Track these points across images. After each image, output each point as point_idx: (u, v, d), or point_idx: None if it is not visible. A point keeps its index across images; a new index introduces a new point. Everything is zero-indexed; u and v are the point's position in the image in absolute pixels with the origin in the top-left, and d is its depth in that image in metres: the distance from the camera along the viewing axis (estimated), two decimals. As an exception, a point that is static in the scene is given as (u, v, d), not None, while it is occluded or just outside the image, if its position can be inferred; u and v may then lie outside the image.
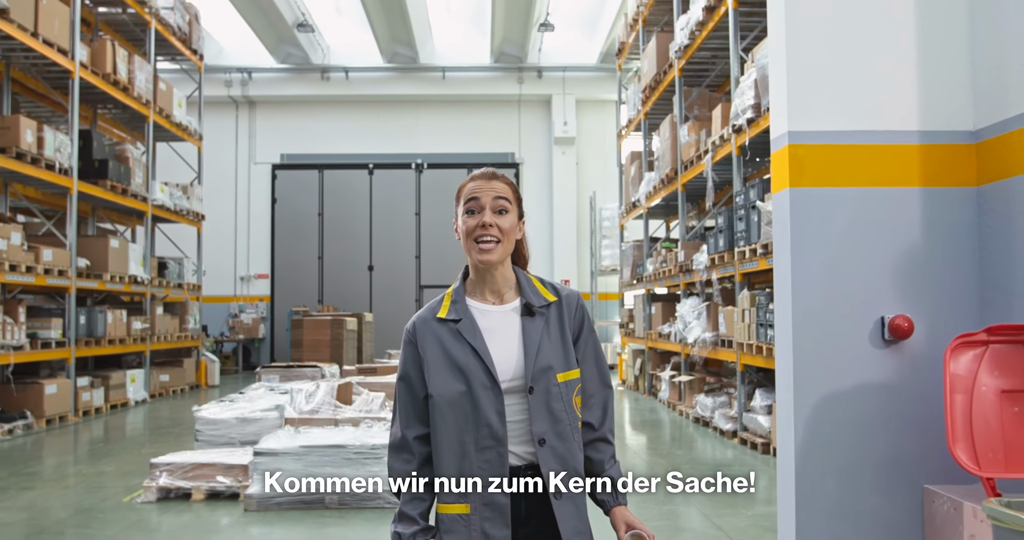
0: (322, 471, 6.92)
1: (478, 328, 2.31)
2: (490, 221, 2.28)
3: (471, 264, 2.36)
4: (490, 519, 2.24)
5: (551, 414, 2.29)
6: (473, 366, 2.27)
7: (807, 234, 3.45)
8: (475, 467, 2.25)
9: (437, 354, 2.30)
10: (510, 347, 2.32)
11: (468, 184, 2.34)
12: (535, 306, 2.35)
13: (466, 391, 2.26)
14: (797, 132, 3.47)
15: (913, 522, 3.39)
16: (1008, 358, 3.04)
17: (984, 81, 3.44)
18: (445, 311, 2.34)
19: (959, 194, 3.47)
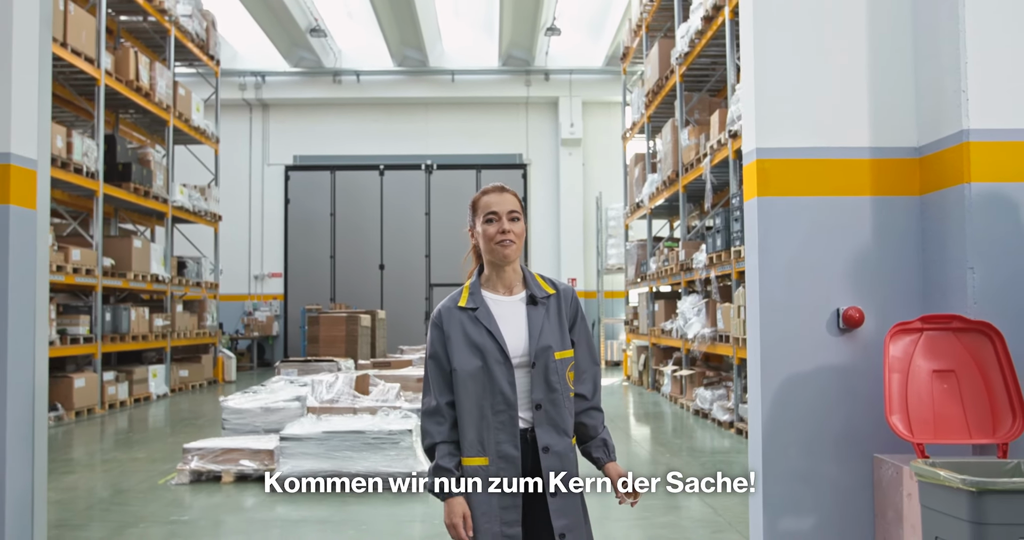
0: (342, 454, 7.48)
1: (492, 315, 2.85)
2: (508, 228, 2.83)
3: (488, 262, 2.89)
4: (506, 469, 2.77)
5: (548, 384, 2.83)
6: (489, 345, 2.81)
7: (772, 236, 3.99)
8: (492, 427, 2.79)
9: (459, 336, 2.84)
10: (518, 330, 2.86)
11: (484, 198, 2.88)
12: (538, 297, 2.90)
13: (483, 366, 2.80)
14: (764, 148, 4.00)
15: (864, 485, 3.92)
16: (939, 343, 3.57)
17: (925, 103, 3.97)
18: (465, 301, 2.89)
19: (904, 202, 4.00)
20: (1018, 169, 3.66)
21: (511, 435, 2.81)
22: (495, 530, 2.76)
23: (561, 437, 2.84)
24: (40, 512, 4.16)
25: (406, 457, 7.51)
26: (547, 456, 2.81)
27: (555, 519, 2.78)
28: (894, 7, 4.06)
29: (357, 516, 6.62)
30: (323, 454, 7.47)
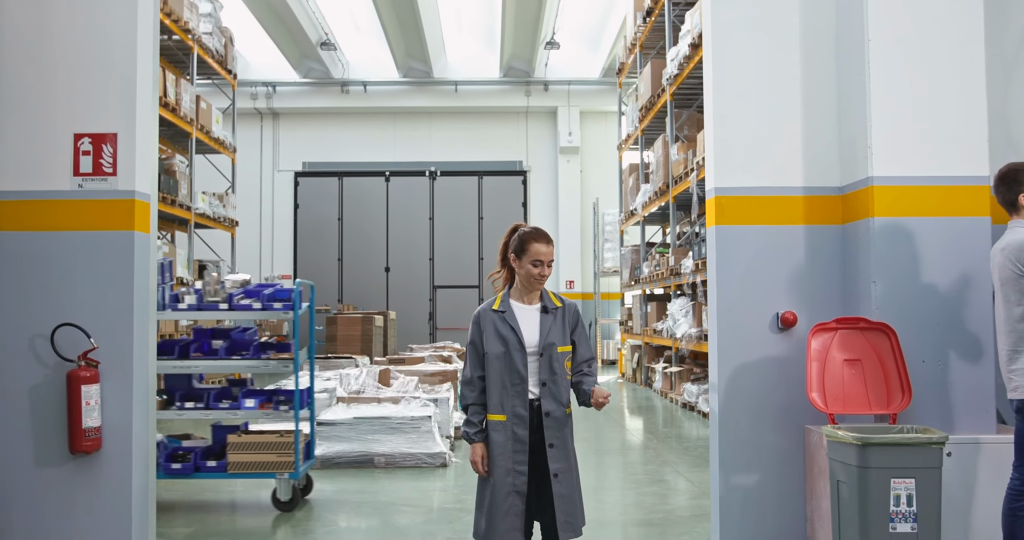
0: (371, 437, 8.61)
1: (515, 317, 3.99)
2: (547, 273, 4.02)
3: (522, 284, 4.04)
4: (517, 424, 3.91)
5: (551, 369, 3.97)
6: (511, 337, 3.95)
7: (727, 256, 5.13)
8: (509, 394, 3.94)
9: (491, 330, 3.99)
10: (533, 329, 4.03)
11: (535, 245, 4.02)
12: (549, 308, 4.05)
13: (506, 351, 3.95)
14: (721, 187, 5.15)
15: (797, 449, 5.07)
16: (849, 339, 4.71)
17: (844, 154, 5.12)
18: (497, 305, 4.05)
19: (829, 230, 5.15)
20: (910, 206, 4.81)
21: (523, 401, 3.96)
22: (507, 465, 3.91)
23: (559, 406, 3.99)
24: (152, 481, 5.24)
25: (426, 440, 8.64)
26: (548, 419, 3.95)
27: (552, 463, 3.94)
28: (822, 77, 5.20)
29: (385, 488, 7.73)
30: (354, 437, 8.59)
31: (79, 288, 4.99)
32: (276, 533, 6.27)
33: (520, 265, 4.04)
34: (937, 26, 4.92)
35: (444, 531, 6.19)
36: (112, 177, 5.03)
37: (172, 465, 6.78)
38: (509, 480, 3.90)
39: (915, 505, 4.10)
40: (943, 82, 4.91)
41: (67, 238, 5.01)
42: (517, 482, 3.90)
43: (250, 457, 6.77)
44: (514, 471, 3.90)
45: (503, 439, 3.93)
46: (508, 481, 3.90)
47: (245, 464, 6.77)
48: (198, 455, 6.84)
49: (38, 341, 4.96)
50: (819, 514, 4.81)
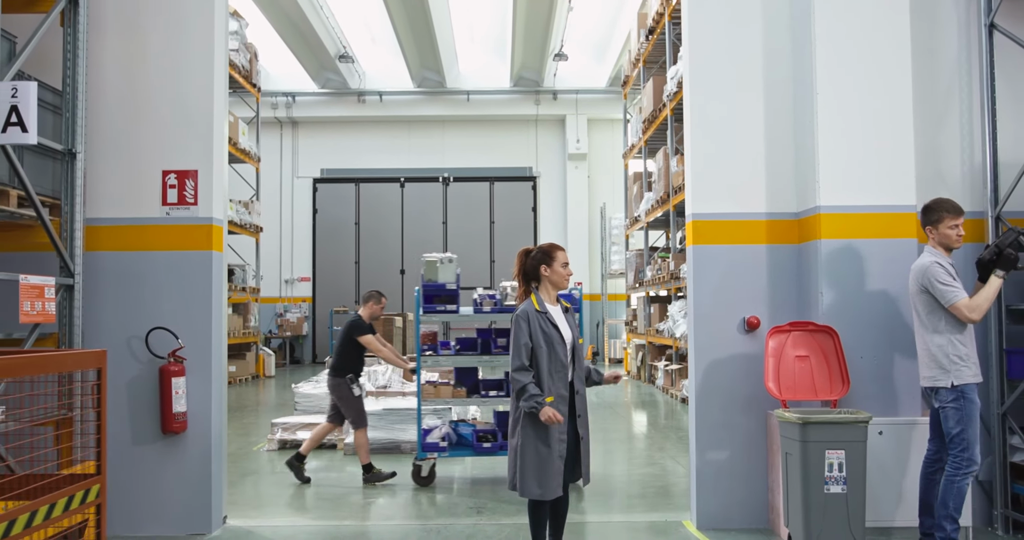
0: (398, 427, 9.66)
1: (552, 316, 5.06)
2: (569, 273, 5.13)
3: (555, 285, 5.12)
4: (561, 403, 4.98)
5: (578, 358, 5.08)
6: (555, 334, 5.02)
7: (703, 270, 6.17)
8: (555, 380, 4.99)
9: (537, 327, 5.01)
10: (565, 326, 5.09)
11: (561, 253, 5.15)
12: (568, 309, 5.13)
13: (551, 346, 5.00)
14: (697, 213, 6.20)
15: (760, 430, 6.10)
16: (800, 339, 5.75)
17: (798, 185, 6.16)
18: (538, 307, 5.07)
19: (788, 248, 6.18)
20: (850, 230, 5.85)
21: (565, 384, 5.04)
22: (557, 436, 4.96)
23: (582, 385, 5.11)
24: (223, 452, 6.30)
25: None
26: (578, 397, 5.08)
27: (580, 429, 5.06)
28: (782, 122, 6.24)
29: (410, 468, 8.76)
30: (382, 426, 9.65)
31: (168, 298, 6.07)
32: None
33: (552, 270, 5.12)
34: (874, 83, 5.96)
35: (466, 503, 7.24)
36: (194, 206, 6.10)
37: (483, 445, 7.89)
38: (558, 448, 4.96)
39: (845, 471, 5.15)
40: (878, 129, 5.95)
41: (157, 257, 6.09)
42: (562, 448, 4.99)
43: None
44: (558, 439, 4.97)
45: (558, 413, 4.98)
46: (558, 448, 4.96)
47: None
48: (499, 437, 7.93)
49: (134, 342, 6.04)
50: (777, 483, 5.84)
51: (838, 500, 5.19)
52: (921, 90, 6.26)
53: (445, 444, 8.00)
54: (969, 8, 6.36)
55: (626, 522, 6.52)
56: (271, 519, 6.77)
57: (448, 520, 6.69)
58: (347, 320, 8.52)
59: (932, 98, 6.36)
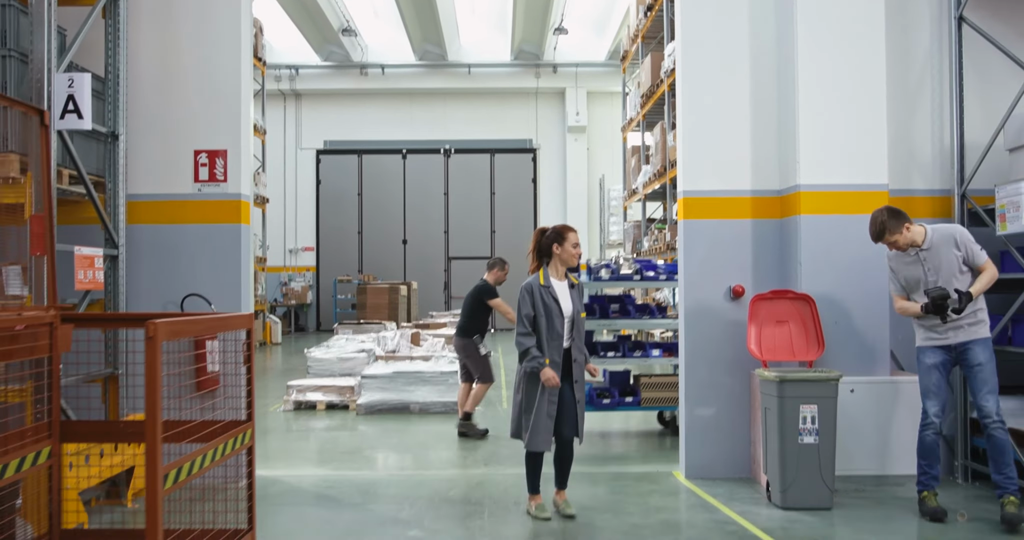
0: (406, 389, 10.25)
1: (555, 291, 5.60)
2: (579, 252, 5.64)
3: (563, 262, 5.67)
4: (556, 366, 5.53)
5: (577, 329, 5.61)
6: (554, 307, 5.59)
7: (692, 243, 6.71)
8: (551, 347, 5.56)
9: (539, 300, 5.59)
10: (566, 300, 5.64)
11: (572, 234, 5.72)
12: (573, 285, 5.65)
13: (550, 317, 5.56)
14: (688, 190, 6.72)
15: (745, 388, 6.68)
16: (780, 306, 6.30)
17: (781, 165, 6.68)
18: (543, 281, 5.64)
19: (771, 223, 6.72)
20: (827, 206, 6.38)
21: (559, 352, 5.61)
22: (548, 397, 5.54)
23: (580, 354, 5.69)
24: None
25: (452, 391, 10.27)
26: (575, 364, 5.66)
27: (576, 393, 5.64)
28: (766, 108, 6.75)
29: (418, 428, 9.37)
30: (392, 388, 10.24)
31: (200, 267, 6.61)
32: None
33: (563, 249, 5.69)
34: (851, 72, 6.47)
35: (473, 456, 7.83)
36: (223, 183, 6.63)
37: (602, 401, 8.43)
38: (547, 408, 5.57)
39: (817, 423, 5.73)
40: (854, 114, 6.46)
41: (191, 230, 6.62)
42: (551, 409, 5.60)
43: (656, 394, 8.37)
44: (548, 401, 5.57)
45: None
46: (547, 409, 5.57)
47: (653, 399, 8.39)
48: (615, 394, 8.46)
49: (170, 307, 6.58)
50: (759, 436, 6.42)
51: (811, 450, 5.77)
52: (895, 78, 6.77)
53: None
54: (940, 2, 6.86)
55: (620, 472, 7.11)
56: (294, 470, 7.36)
57: (459, 470, 7.28)
58: (475, 285, 9.08)
59: (905, 85, 6.87)
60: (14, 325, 3.56)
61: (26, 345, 3.65)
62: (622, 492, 6.43)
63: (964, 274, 5.60)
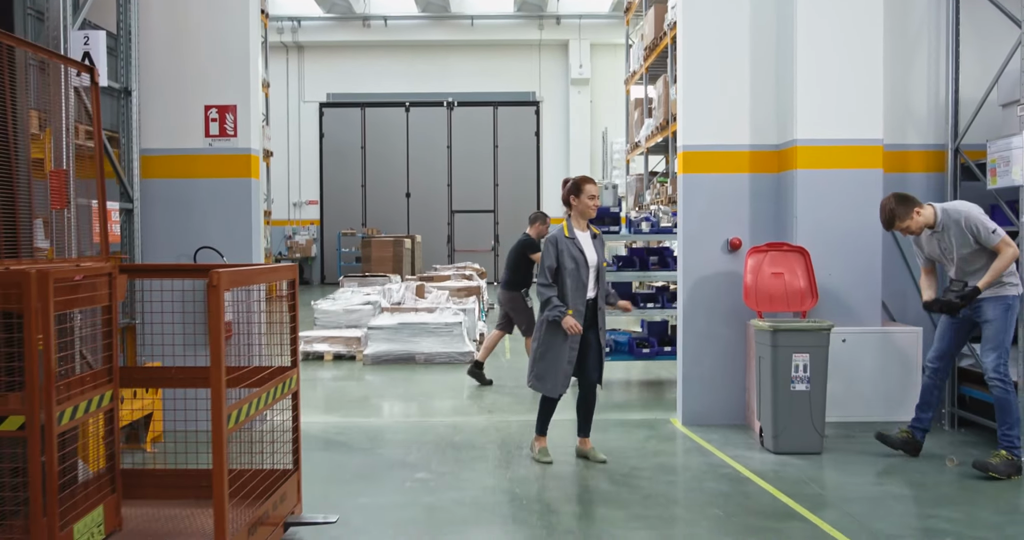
0: (412, 340, 10.49)
1: (579, 242, 5.76)
2: (598, 203, 5.79)
3: (581, 214, 5.80)
4: (579, 315, 5.70)
5: (599, 277, 5.78)
6: (580, 257, 5.73)
7: (692, 197, 6.88)
8: (576, 296, 5.71)
9: (565, 250, 5.74)
10: (590, 251, 5.79)
11: (588, 186, 5.82)
12: (595, 235, 5.82)
13: (576, 267, 5.71)
14: (687, 145, 6.87)
15: (741, 339, 6.89)
16: (775, 258, 6.48)
17: (778, 120, 6.81)
18: (567, 232, 5.79)
19: (768, 177, 6.88)
20: (823, 161, 6.53)
21: (583, 301, 5.76)
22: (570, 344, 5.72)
23: (602, 302, 5.85)
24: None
25: (457, 341, 10.52)
26: (600, 312, 5.82)
27: (601, 339, 5.82)
28: (765, 64, 6.86)
29: (424, 377, 9.63)
30: (398, 339, 10.48)
31: (212, 220, 6.79)
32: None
33: (579, 201, 5.82)
34: (849, 28, 6.57)
35: (477, 405, 8.09)
36: (233, 138, 6.78)
37: (642, 350, 8.73)
38: (569, 354, 5.76)
39: (808, 371, 5.95)
40: (851, 70, 6.58)
41: (202, 184, 6.79)
42: (572, 355, 5.78)
43: None
44: (570, 348, 5.76)
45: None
46: (568, 355, 5.76)
47: None
48: (654, 344, 8.75)
49: (183, 259, 6.77)
50: (753, 385, 6.65)
51: (802, 397, 6.00)
52: (893, 34, 6.87)
53: (608, 350, 8.84)
54: (939, -42, 6.95)
55: (621, 419, 7.36)
56: (304, 417, 7.58)
57: (463, 417, 7.54)
58: (518, 240, 9.26)
59: (903, 41, 6.97)
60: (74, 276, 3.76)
61: (86, 295, 3.84)
62: (622, 438, 6.68)
63: (981, 251, 5.62)
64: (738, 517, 4.85)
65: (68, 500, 3.73)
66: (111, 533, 4.13)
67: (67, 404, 3.61)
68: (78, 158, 5.55)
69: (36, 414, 3.39)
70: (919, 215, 5.74)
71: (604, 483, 5.55)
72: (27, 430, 3.39)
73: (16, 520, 3.64)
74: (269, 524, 4.18)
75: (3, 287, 3.45)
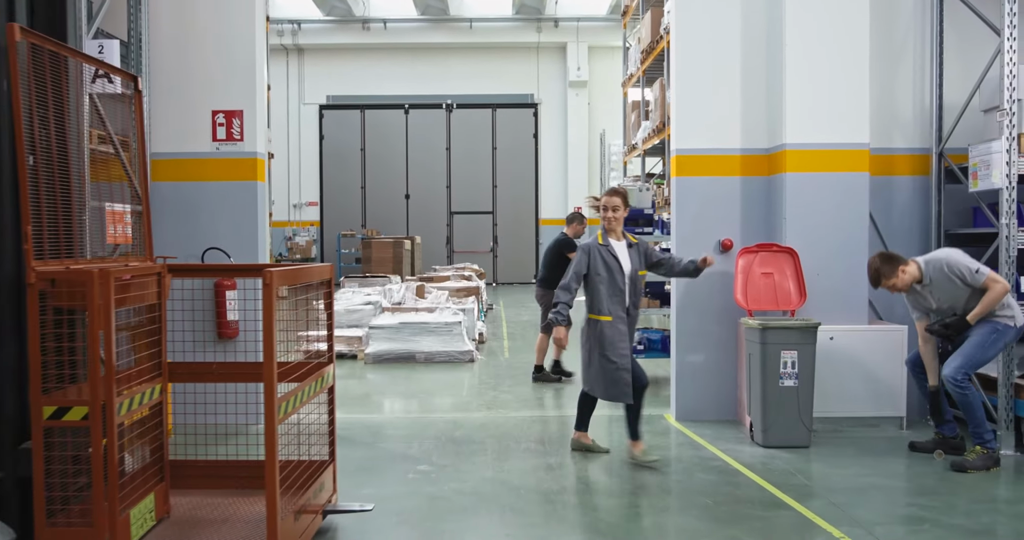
0: (412, 339, 10.69)
1: (614, 249, 5.90)
2: (611, 215, 5.95)
3: (606, 227, 5.93)
4: (620, 321, 5.83)
5: (636, 285, 5.91)
6: (615, 264, 5.88)
7: (684, 199, 7.09)
8: (613, 303, 5.86)
9: (598, 258, 5.90)
10: (626, 259, 5.92)
11: (606, 198, 6.01)
12: (631, 244, 5.96)
13: (610, 274, 5.86)
14: (680, 149, 7.09)
15: (732, 336, 7.11)
16: (766, 258, 6.70)
17: (768, 125, 7.03)
18: (601, 241, 5.96)
19: (759, 180, 7.09)
20: (811, 164, 6.74)
21: (621, 306, 5.90)
22: (622, 350, 5.86)
23: (636, 310, 5.96)
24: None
25: (457, 341, 10.72)
26: (633, 311, 5.94)
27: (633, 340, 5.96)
28: (756, 70, 7.08)
29: (424, 375, 9.84)
30: (399, 338, 10.69)
31: (220, 222, 7.00)
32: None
33: (603, 215, 6.03)
34: (837, 36, 6.78)
35: (476, 401, 8.30)
36: (240, 142, 6.99)
37: None
38: (621, 361, 5.86)
39: (796, 368, 6.17)
40: (838, 77, 6.79)
41: (210, 186, 7.00)
42: (624, 361, 5.88)
43: None
44: (620, 354, 5.87)
45: (612, 333, 5.88)
46: (620, 362, 5.86)
47: None
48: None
49: (192, 260, 6.98)
50: (744, 381, 6.86)
51: (791, 393, 6.21)
52: (879, 41, 7.10)
53: (641, 347, 9.10)
54: (923, -33, 7.17)
55: (615, 415, 7.56)
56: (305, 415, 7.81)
57: (463, 414, 7.75)
58: (555, 239, 9.52)
59: (889, 48, 7.19)
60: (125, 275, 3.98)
61: (136, 293, 4.05)
62: (617, 432, 6.89)
63: (975, 292, 5.82)
64: (727, 506, 5.07)
65: (124, 487, 3.93)
66: (160, 519, 4.37)
67: (125, 396, 3.83)
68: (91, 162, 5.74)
69: (100, 404, 3.59)
70: (904, 273, 5.97)
71: (599, 474, 5.77)
72: (90, 420, 3.60)
73: (74, 505, 3.85)
74: (310, 511, 4.41)
75: (68, 285, 3.66)
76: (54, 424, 3.67)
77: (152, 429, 4.44)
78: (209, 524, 4.32)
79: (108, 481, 3.62)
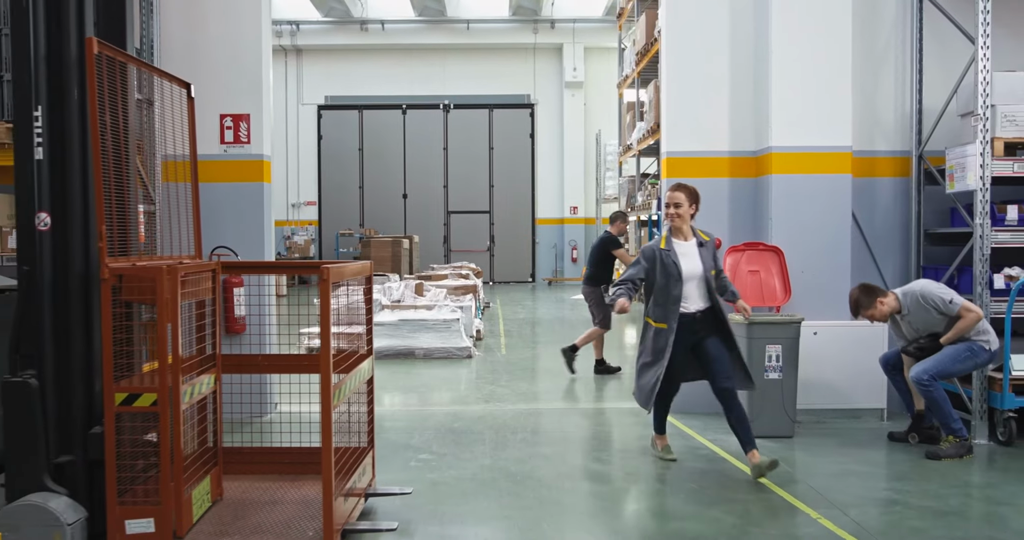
0: (411, 335, 10.97)
1: (676, 254, 5.75)
2: (673, 212, 5.68)
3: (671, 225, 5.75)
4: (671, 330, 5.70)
5: (708, 285, 5.78)
6: (673, 271, 5.73)
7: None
8: (668, 311, 5.74)
9: (657, 264, 5.77)
10: (694, 260, 5.77)
11: (669, 194, 5.71)
12: (702, 242, 5.87)
13: (667, 282, 5.73)
14: (670, 151, 7.38)
15: (719, 332, 7.38)
16: (752, 256, 6.99)
17: (755, 129, 7.31)
18: (664, 244, 5.85)
19: (747, 182, 7.38)
20: (796, 166, 7.04)
21: (675, 315, 5.62)
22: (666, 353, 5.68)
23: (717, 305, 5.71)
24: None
25: (455, 337, 11.00)
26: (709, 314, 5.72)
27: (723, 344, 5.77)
28: (743, 75, 7.37)
29: (423, 371, 10.11)
30: (398, 335, 10.96)
31: (228, 221, 7.27)
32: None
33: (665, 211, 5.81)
34: (819, 41, 7.08)
35: (474, 395, 8.58)
36: (247, 145, 7.27)
37: None
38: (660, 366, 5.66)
39: (781, 361, 6.46)
40: (822, 82, 7.09)
41: (218, 188, 7.27)
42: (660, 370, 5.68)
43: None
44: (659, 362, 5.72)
45: (660, 340, 5.72)
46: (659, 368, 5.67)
47: None
48: None
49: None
50: (732, 375, 7.13)
51: (775, 385, 6.51)
52: (862, 47, 7.40)
53: None
54: (904, -22, 7.48)
55: (606, 408, 7.86)
56: (313, 406, 8.08)
57: (462, 406, 8.03)
58: (600, 237, 9.84)
59: (871, 54, 7.49)
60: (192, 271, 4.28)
61: (192, 289, 4.33)
62: (607, 424, 7.18)
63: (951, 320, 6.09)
64: (712, 490, 5.35)
65: (187, 470, 4.22)
66: (215, 501, 4.65)
67: (188, 385, 4.13)
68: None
69: (167, 391, 3.90)
70: (883, 304, 6.24)
71: (593, 463, 6.05)
72: (159, 406, 3.91)
73: (138, 486, 4.15)
74: (355, 494, 4.69)
75: (138, 281, 3.95)
76: (125, 409, 3.97)
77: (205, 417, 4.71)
78: (261, 505, 4.62)
79: (174, 463, 3.92)
